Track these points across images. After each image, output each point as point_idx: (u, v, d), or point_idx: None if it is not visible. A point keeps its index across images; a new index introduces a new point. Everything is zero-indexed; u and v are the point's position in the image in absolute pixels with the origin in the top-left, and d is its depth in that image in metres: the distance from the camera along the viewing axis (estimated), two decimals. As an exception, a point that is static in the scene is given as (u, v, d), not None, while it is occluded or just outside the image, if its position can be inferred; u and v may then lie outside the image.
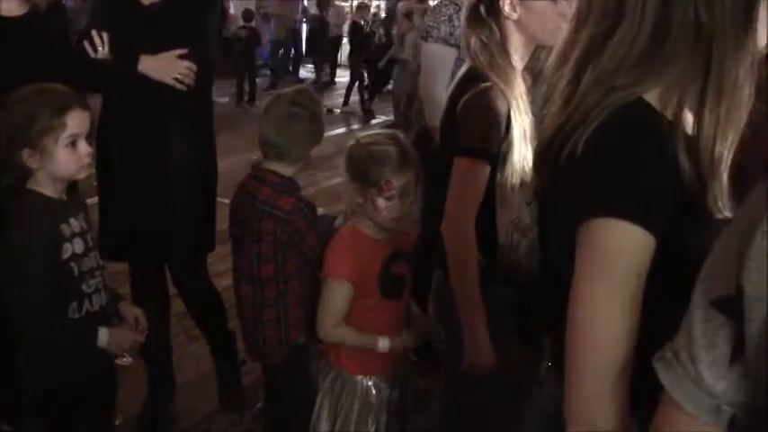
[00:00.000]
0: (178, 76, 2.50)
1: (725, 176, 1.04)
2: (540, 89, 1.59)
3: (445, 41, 2.93)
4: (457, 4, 2.92)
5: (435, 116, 3.12)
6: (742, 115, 1.03)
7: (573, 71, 1.08)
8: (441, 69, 2.93)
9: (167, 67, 2.49)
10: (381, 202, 1.96)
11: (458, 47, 2.85)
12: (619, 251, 0.98)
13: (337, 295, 2.02)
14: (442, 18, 2.99)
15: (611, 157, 0.99)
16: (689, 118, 1.05)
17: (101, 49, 2.50)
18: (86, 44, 2.50)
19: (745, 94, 1.02)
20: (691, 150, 1.01)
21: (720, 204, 1.02)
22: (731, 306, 0.77)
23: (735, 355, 0.79)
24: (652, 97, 1.03)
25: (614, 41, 1.03)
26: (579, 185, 1.01)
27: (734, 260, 0.77)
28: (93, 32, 2.50)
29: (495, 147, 1.80)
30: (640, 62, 1.02)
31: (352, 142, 2.04)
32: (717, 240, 0.84)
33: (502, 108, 1.80)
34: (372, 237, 2.04)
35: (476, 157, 1.82)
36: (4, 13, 2.39)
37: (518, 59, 1.89)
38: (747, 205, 0.83)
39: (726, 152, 1.03)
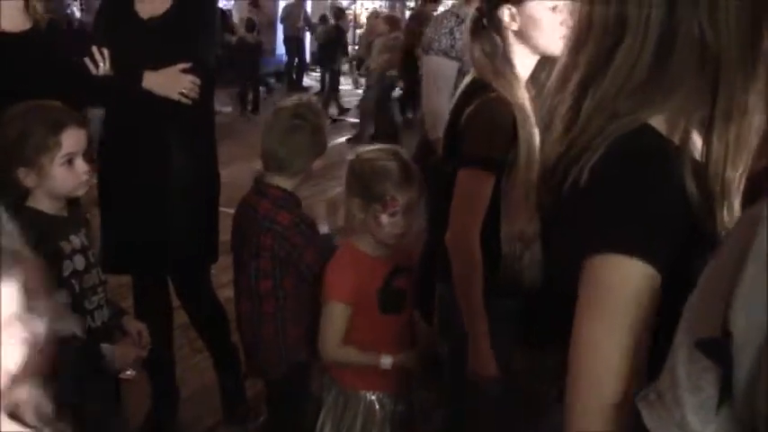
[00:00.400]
0: (183, 90, 2.50)
1: (737, 203, 1.01)
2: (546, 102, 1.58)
3: (446, 54, 2.93)
4: (458, 17, 2.93)
5: (437, 128, 3.13)
6: (753, 140, 1.00)
7: (573, 96, 1.05)
8: (442, 82, 2.93)
9: (172, 83, 2.50)
10: (385, 218, 1.95)
11: (459, 59, 2.85)
12: (624, 290, 0.94)
13: (337, 317, 2.01)
14: (443, 31, 2.99)
15: (614, 187, 0.96)
16: (698, 142, 1.02)
17: (102, 65, 2.51)
18: (87, 60, 2.50)
19: (756, 119, 0.99)
20: (699, 175, 0.98)
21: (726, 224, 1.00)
22: (717, 349, 0.75)
23: (722, 399, 0.76)
24: (658, 122, 1.00)
25: (616, 63, 1.00)
26: (583, 217, 0.98)
27: (719, 300, 0.75)
28: (94, 49, 2.51)
29: (499, 157, 1.80)
30: (642, 87, 0.99)
31: (352, 157, 2.03)
32: (701, 277, 0.82)
33: (506, 118, 1.80)
34: (371, 255, 2.03)
35: (480, 167, 1.82)
36: (7, 29, 2.40)
37: (522, 70, 1.89)
38: (732, 239, 0.80)
39: (736, 178, 1.00)
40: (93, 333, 1.93)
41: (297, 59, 13.45)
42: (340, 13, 13.31)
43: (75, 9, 14.25)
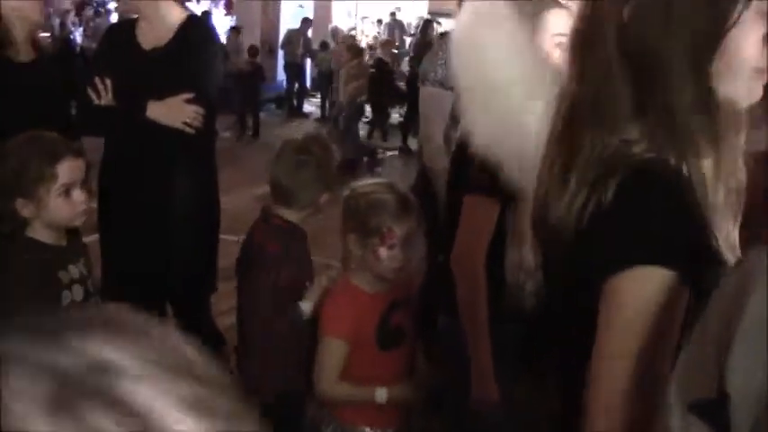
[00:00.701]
0: (186, 120, 2.51)
1: (729, 224, 1.04)
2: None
3: (442, 84, 2.92)
4: None
5: (434, 158, 3.14)
6: (735, 162, 1.03)
7: (567, 129, 1.09)
8: (437, 112, 2.94)
9: (176, 112, 2.51)
10: (383, 251, 1.93)
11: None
12: (655, 299, 0.96)
13: (333, 355, 1.99)
14: (439, 62, 3.00)
15: (640, 205, 0.99)
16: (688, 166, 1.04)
17: (104, 94, 2.52)
18: (90, 90, 2.52)
19: (734, 142, 1.03)
20: (694, 197, 1.01)
21: (725, 249, 1.02)
22: (713, 411, 0.73)
23: None
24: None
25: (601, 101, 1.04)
26: (603, 241, 1.00)
27: (711, 360, 0.74)
28: (96, 79, 2.52)
29: (506, 186, 1.80)
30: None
31: (347, 192, 2.03)
32: (694, 329, 0.81)
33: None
34: (369, 291, 2.01)
35: (486, 194, 1.83)
36: (15, 59, 2.44)
37: None
38: (719, 299, 0.80)
39: (722, 199, 1.02)
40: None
41: (297, 85, 13.53)
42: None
43: (77, 35, 14.40)
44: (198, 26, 2.74)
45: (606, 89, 1.04)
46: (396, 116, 11.39)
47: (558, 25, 1.74)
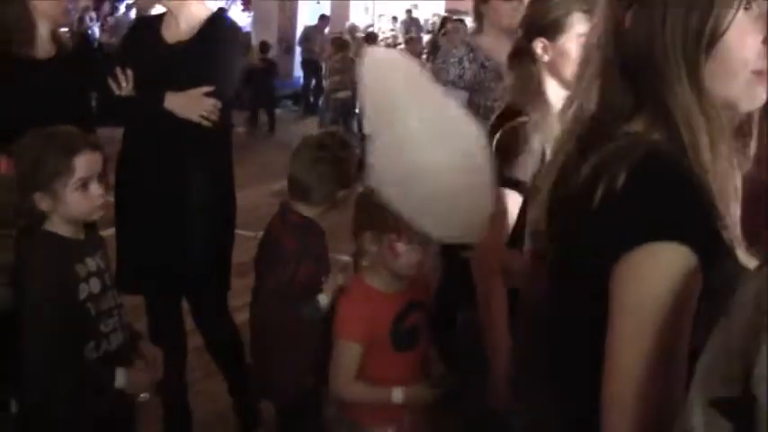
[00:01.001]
0: (203, 113, 2.52)
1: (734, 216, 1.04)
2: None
3: (454, 84, 2.83)
4: (470, 46, 2.89)
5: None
6: (731, 164, 1.03)
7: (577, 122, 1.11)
8: None
9: (193, 105, 2.52)
10: (401, 246, 1.91)
11: (468, 89, 2.80)
12: (670, 276, 0.95)
13: (347, 356, 1.98)
14: (452, 60, 2.96)
15: (648, 189, 0.98)
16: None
17: (124, 85, 2.54)
18: (110, 81, 2.54)
19: (731, 145, 1.03)
20: (703, 184, 1.01)
21: (735, 242, 1.02)
22: (735, 410, 0.72)
23: None
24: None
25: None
26: (617, 221, 1.00)
27: (737, 359, 0.72)
28: (118, 69, 2.54)
29: (527, 179, 1.80)
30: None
31: (359, 191, 2.02)
32: (713, 333, 0.79)
33: (536, 143, 1.82)
34: (384, 291, 2.00)
35: (509, 188, 1.84)
36: (37, 56, 2.47)
37: (554, 100, 1.89)
38: (743, 295, 0.78)
39: (719, 196, 1.01)
40: (109, 356, 1.92)
41: (314, 82, 13.54)
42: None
43: (95, 29, 14.49)
44: (222, 23, 2.75)
45: (607, 90, 1.07)
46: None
47: (582, 27, 1.78)
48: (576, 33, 1.82)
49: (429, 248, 2.00)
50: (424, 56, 12.55)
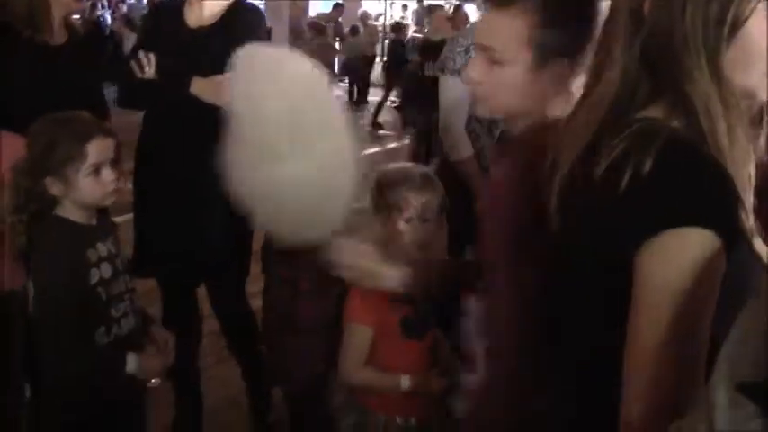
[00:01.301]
0: (228, 98, 2.50)
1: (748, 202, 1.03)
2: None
3: (460, 74, 2.84)
4: None
5: (457, 149, 3.08)
6: (748, 153, 1.03)
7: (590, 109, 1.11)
8: (456, 103, 2.88)
9: (219, 90, 2.50)
10: (402, 224, 1.93)
11: None
12: (695, 260, 0.96)
13: (357, 340, 1.99)
14: (458, 50, 2.93)
15: (675, 175, 0.98)
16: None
17: (147, 69, 2.52)
18: (133, 65, 2.52)
19: (748, 134, 1.03)
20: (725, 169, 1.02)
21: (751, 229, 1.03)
22: (763, 394, 0.71)
23: None
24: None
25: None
26: (642, 206, 1.00)
27: (763, 341, 0.72)
28: (141, 53, 2.53)
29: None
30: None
31: (374, 175, 2.03)
32: (740, 315, 0.79)
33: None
34: None
35: None
36: (50, 42, 2.47)
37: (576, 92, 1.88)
38: None
39: (738, 177, 1.01)
40: (120, 341, 1.92)
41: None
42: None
43: (106, 16, 14.51)
44: (246, 8, 2.74)
45: (626, 77, 1.07)
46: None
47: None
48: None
49: (433, 230, 1.98)
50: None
